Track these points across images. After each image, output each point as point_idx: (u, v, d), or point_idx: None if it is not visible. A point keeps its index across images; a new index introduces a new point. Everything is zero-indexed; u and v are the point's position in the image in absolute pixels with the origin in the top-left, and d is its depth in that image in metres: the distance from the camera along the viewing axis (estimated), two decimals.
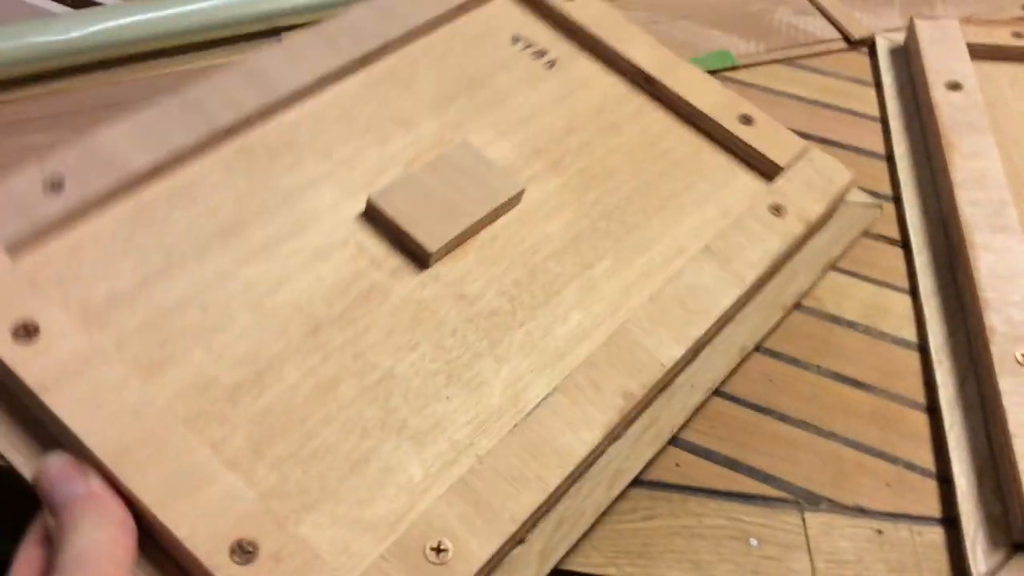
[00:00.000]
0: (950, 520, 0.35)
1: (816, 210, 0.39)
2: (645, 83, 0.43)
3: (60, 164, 0.33)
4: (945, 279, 0.42)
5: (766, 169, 0.41)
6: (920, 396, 0.39)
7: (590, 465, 0.32)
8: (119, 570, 0.25)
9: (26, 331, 0.29)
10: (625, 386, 0.33)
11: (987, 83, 0.50)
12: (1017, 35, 0.51)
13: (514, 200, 0.37)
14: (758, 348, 0.39)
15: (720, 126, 0.41)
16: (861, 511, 0.35)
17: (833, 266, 0.42)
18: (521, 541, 0.30)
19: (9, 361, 0.28)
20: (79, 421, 0.28)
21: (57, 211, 0.32)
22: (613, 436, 0.32)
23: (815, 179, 0.40)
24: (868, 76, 0.54)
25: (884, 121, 0.50)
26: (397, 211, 0.35)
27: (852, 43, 0.56)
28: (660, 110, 0.43)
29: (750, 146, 0.41)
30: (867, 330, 0.41)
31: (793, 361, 0.40)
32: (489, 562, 0.28)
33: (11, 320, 0.29)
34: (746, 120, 0.42)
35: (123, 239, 0.33)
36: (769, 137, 0.41)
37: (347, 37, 0.40)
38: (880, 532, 0.34)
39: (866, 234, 0.44)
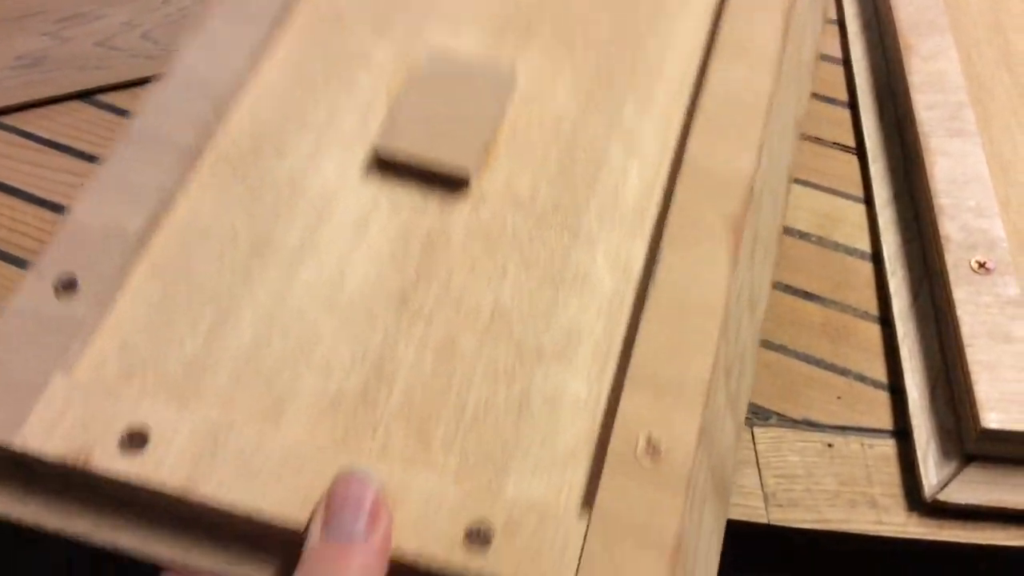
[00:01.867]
0: (902, 432, 0.37)
1: None
2: None
3: (59, 263, 0.32)
4: (901, 187, 0.44)
5: None
6: (873, 307, 0.40)
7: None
8: None
9: (135, 440, 0.29)
10: (722, 211, 0.34)
11: None
12: None
13: (511, 85, 0.37)
14: None
15: None
16: (811, 425, 0.37)
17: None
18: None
19: (137, 477, 0.28)
20: (246, 497, 0.28)
21: (83, 311, 0.31)
22: (735, 263, 0.32)
23: None
24: None
25: (841, 24, 0.51)
26: (410, 148, 0.35)
27: None
28: None
29: None
30: (819, 240, 0.42)
31: None
32: (700, 436, 0.28)
33: (116, 436, 0.29)
34: None
35: (161, 308, 0.32)
36: None
37: (250, 3, 0.39)
38: (830, 445, 0.36)
39: (819, 141, 0.45)
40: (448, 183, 0.36)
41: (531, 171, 0.36)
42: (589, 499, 0.28)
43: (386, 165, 0.36)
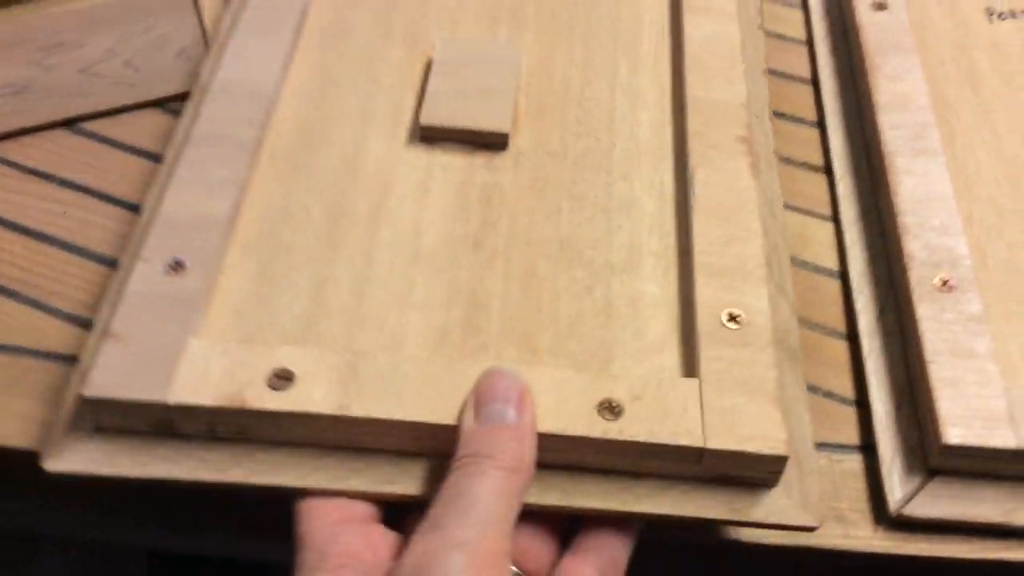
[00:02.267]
0: (869, 447, 0.46)
1: None
2: None
3: (162, 249, 0.42)
4: (867, 205, 0.51)
5: None
6: (841, 325, 0.48)
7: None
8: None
9: (282, 379, 0.37)
10: (733, 133, 0.47)
11: (913, 2, 0.58)
12: None
13: (519, 60, 0.52)
14: None
15: None
16: None
17: None
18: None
19: (292, 409, 0.37)
20: (395, 411, 0.37)
21: (195, 285, 0.41)
22: (756, 172, 0.46)
23: None
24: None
25: (810, 44, 0.58)
26: (453, 118, 0.48)
27: None
28: None
29: None
30: (789, 260, 0.48)
31: None
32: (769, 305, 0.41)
33: (263, 378, 0.38)
34: None
35: (262, 279, 0.43)
36: None
37: (268, 16, 0.53)
38: None
39: (789, 161, 0.57)
40: (488, 145, 0.49)
41: (555, 128, 0.50)
42: (691, 369, 0.40)
43: (430, 138, 0.49)
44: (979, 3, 0.62)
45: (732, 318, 0.40)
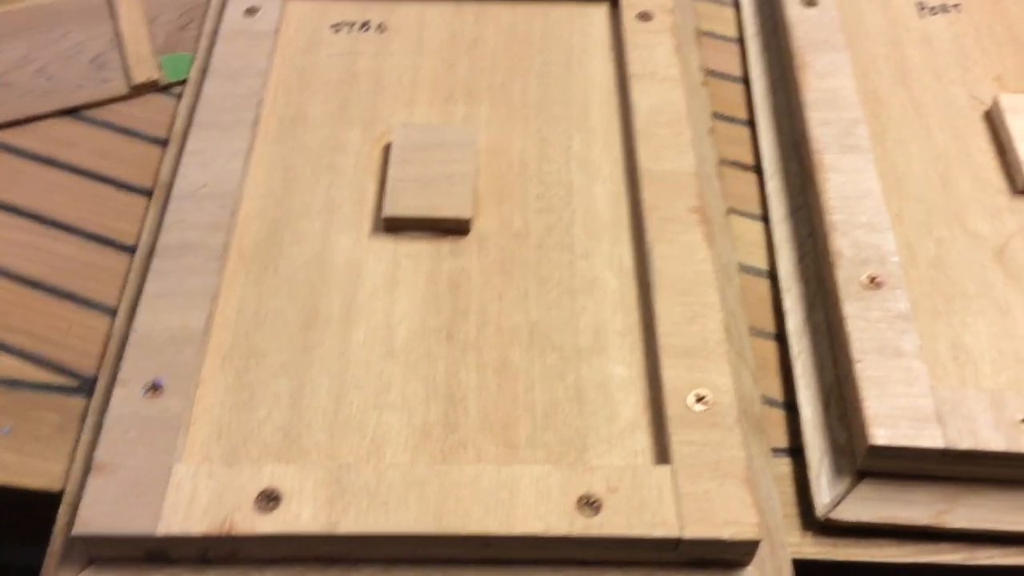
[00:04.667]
0: (797, 450, 0.42)
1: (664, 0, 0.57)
2: None
3: (140, 371, 0.41)
4: (797, 203, 0.50)
5: None
6: (770, 325, 0.46)
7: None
8: None
9: (269, 500, 0.37)
10: (687, 204, 0.47)
11: None
12: None
13: (476, 141, 0.50)
14: None
15: None
16: None
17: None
18: None
19: (282, 530, 0.37)
20: (383, 523, 0.37)
21: (175, 406, 0.40)
22: (711, 243, 0.46)
23: None
24: None
25: (742, 42, 0.56)
26: (415, 207, 0.47)
27: None
28: (491, 7, 0.58)
29: None
30: None
31: None
32: (733, 384, 0.41)
33: (251, 501, 0.37)
34: None
35: (240, 390, 0.42)
36: None
37: (223, 111, 0.51)
38: None
39: (721, 161, 0.55)
40: (453, 231, 0.48)
41: (517, 207, 0.49)
42: (663, 455, 0.40)
43: (395, 228, 0.48)
44: None
45: (699, 399, 0.40)
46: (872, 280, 0.44)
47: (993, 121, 0.52)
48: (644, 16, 0.56)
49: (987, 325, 0.45)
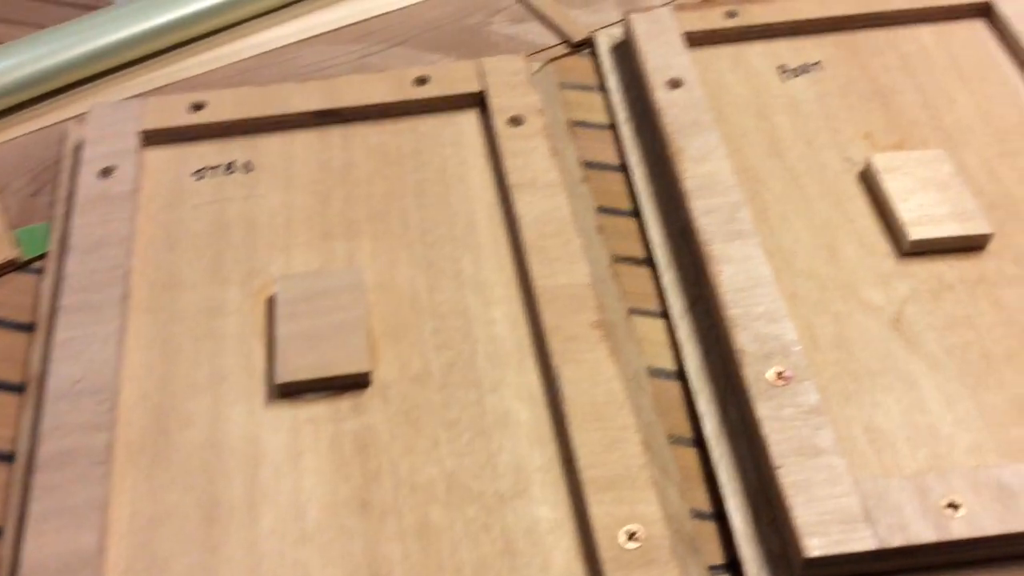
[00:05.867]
0: (735, 563, 0.41)
1: (532, 101, 0.56)
2: (323, 117, 0.57)
3: None
4: (694, 295, 0.49)
5: (472, 102, 0.57)
6: (688, 430, 0.44)
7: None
8: None
9: None
10: (587, 320, 0.46)
11: (708, 72, 0.58)
12: (730, 14, 0.60)
13: (362, 282, 0.48)
14: None
15: (405, 103, 0.57)
16: None
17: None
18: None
19: None
20: None
21: None
22: (617, 356, 0.45)
23: (509, 80, 0.57)
24: (594, 80, 0.59)
25: (615, 128, 0.56)
26: (309, 369, 0.45)
27: (574, 46, 0.61)
28: (358, 129, 0.57)
29: (434, 97, 0.57)
30: None
31: None
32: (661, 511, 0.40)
33: None
34: (421, 81, 0.57)
35: None
36: (448, 78, 0.58)
37: (88, 292, 0.48)
38: None
39: (612, 258, 0.53)
40: (352, 386, 0.45)
41: (415, 348, 0.47)
42: None
43: (290, 392, 0.45)
44: (771, 62, 0.59)
45: (630, 536, 0.39)
46: (779, 376, 0.44)
47: (869, 183, 0.53)
48: (515, 120, 0.55)
49: (896, 401, 0.44)
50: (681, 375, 0.48)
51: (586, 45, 0.64)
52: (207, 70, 0.62)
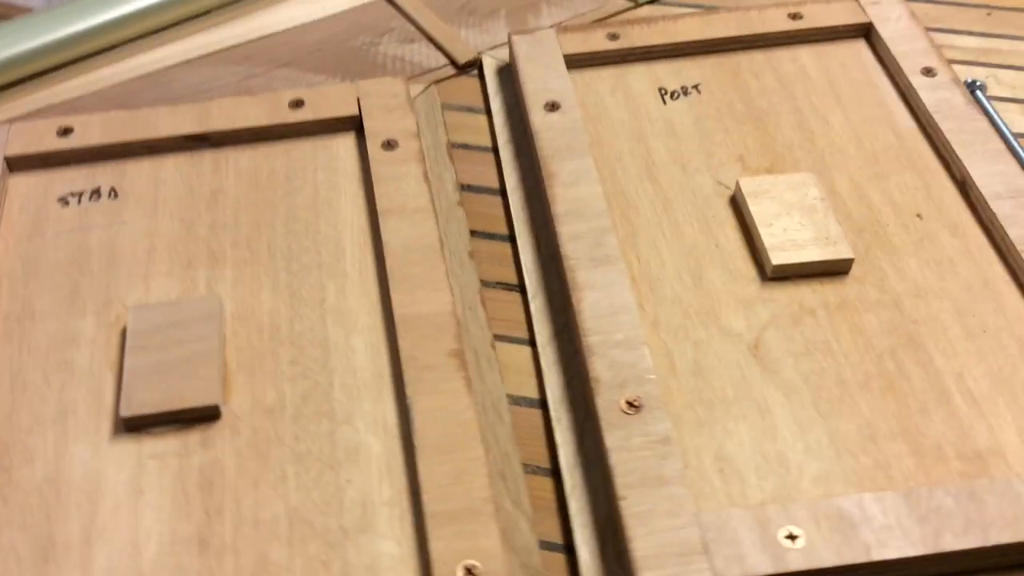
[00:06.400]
0: None
1: (408, 124, 0.55)
2: (193, 142, 0.56)
3: None
4: (560, 323, 0.48)
5: (348, 125, 0.57)
6: (545, 459, 0.44)
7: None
8: None
9: None
10: (444, 348, 0.45)
11: (588, 94, 0.58)
12: (612, 36, 0.60)
13: (220, 311, 0.47)
14: None
15: (279, 126, 0.56)
16: None
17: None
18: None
19: None
20: None
21: None
22: (471, 387, 0.45)
23: (387, 103, 0.57)
24: (479, 102, 0.59)
25: (496, 151, 0.55)
26: (155, 402, 0.44)
27: (460, 68, 0.61)
28: (229, 153, 0.56)
29: (309, 121, 0.56)
30: None
31: None
32: (503, 545, 0.40)
33: None
34: (297, 104, 0.57)
35: None
36: (324, 101, 0.57)
37: None
38: None
39: (484, 283, 0.52)
40: (202, 419, 0.44)
41: (269, 378, 0.46)
42: None
43: (137, 427, 0.44)
44: (651, 84, 0.59)
45: (468, 571, 0.38)
46: (631, 404, 0.44)
47: (737, 207, 0.53)
48: (389, 145, 0.55)
49: (748, 429, 0.44)
50: (543, 403, 0.48)
51: (474, 66, 0.64)
52: (85, 93, 0.61)
